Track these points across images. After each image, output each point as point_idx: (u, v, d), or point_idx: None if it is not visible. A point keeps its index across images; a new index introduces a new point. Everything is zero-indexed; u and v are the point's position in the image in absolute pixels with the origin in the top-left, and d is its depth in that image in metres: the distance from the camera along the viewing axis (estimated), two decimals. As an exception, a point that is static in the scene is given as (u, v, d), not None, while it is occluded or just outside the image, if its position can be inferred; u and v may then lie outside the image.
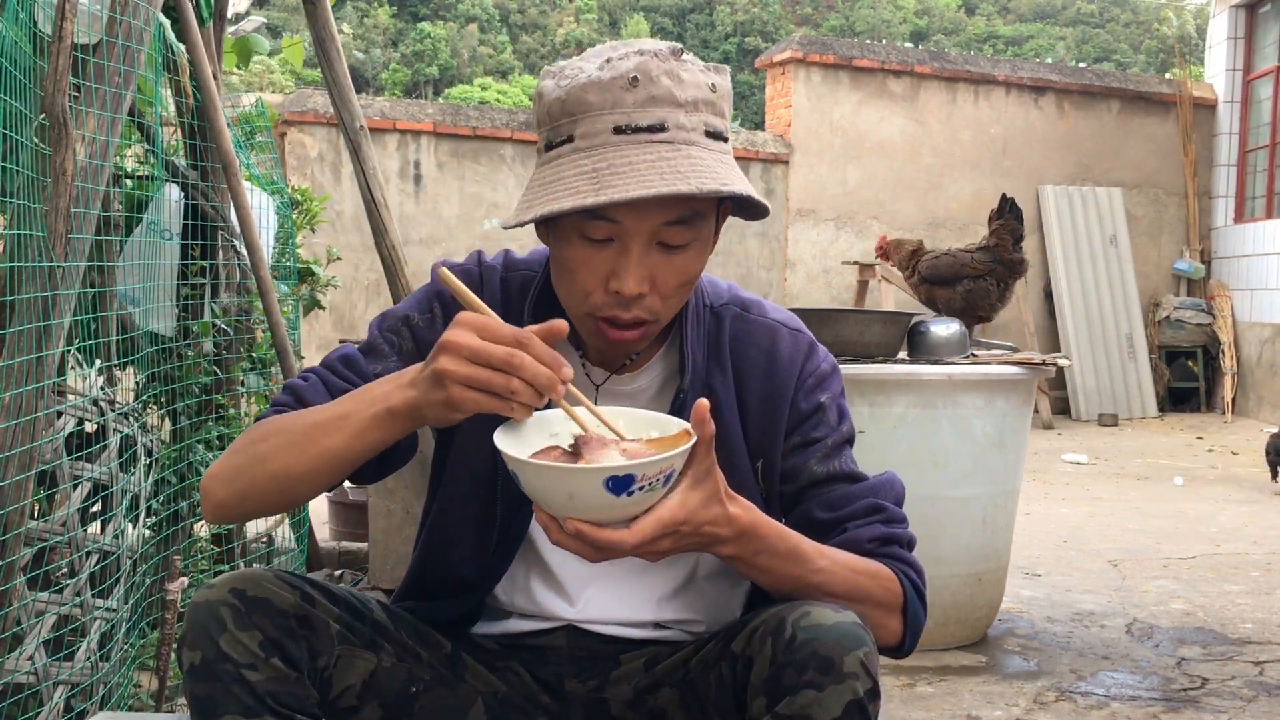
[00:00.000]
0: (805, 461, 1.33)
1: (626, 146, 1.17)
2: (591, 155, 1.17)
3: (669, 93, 1.18)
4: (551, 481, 1.06)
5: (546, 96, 1.22)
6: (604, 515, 1.07)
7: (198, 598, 1.19)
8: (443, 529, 1.38)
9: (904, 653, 1.32)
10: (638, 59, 1.18)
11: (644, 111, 1.18)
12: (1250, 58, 10.51)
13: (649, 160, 1.16)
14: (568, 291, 1.26)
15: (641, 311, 1.23)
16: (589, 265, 1.22)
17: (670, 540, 1.13)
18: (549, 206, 1.17)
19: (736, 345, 1.35)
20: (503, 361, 1.08)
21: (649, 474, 1.06)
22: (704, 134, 1.20)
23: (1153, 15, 34.56)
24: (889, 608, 1.28)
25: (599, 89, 1.18)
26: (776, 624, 1.15)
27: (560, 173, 1.19)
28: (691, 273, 1.25)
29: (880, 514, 1.32)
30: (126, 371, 2.69)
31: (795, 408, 1.34)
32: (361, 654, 1.27)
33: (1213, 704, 2.86)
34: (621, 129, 1.17)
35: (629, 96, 1.17)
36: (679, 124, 1.18)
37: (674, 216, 1.20)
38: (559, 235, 1.24)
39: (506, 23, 39.43)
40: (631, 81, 1.17)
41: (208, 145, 2.86)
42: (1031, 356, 3.35)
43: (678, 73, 1.20)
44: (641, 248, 1.20)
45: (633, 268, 1.20)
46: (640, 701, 1.34)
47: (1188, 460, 7.45)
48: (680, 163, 1.17)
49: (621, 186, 1.14)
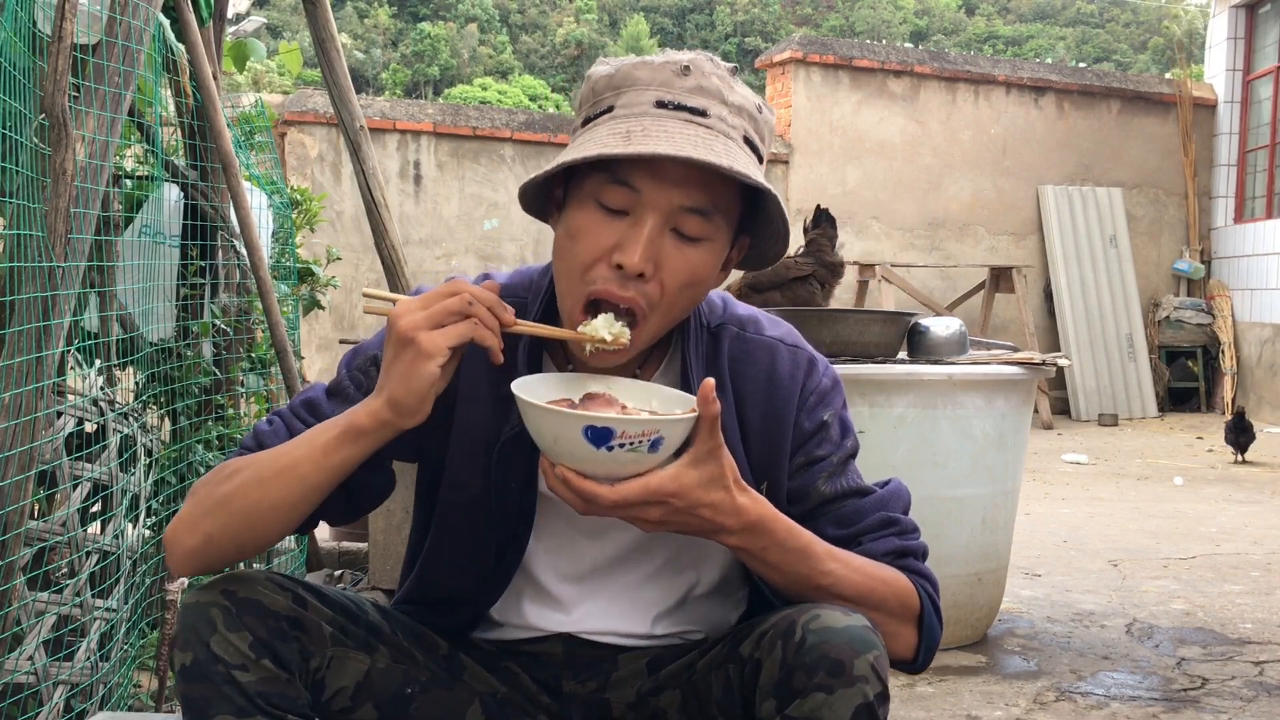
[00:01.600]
0: (813, 481, 1.31)
1: (666, 119, 1.16)
2: (628, 121, 1.17)
3: (718, 89, 1.19)
4: (539, 422, 1.11)
5: (595, 76, 1.23)
6: (588, 466, 1.10)
7: (189, 600, 1.19)
8: (438, 554, 1.37)
9: (918, 667, 1.31)
10: (693, 55, 1.20)
11: (690, 95, 1.18)
12: (1250, 58, 10.51)
13: (685, 133, 1.15)
14: (569, 263, 1.22)
15: (638, 295, 1.19)
16: (597, 235, 1.19)
17: (659, 510, 1.12)
18: (572, 155, 1.16)
19: (735, 365, 1.33)
20: (449, 290, 1.13)
21: (630, 433, 1.08)
22: (743, 139, 1.20)
23: (1153, 15, 34.55)
24: (903, 617, 1.27)
25: (649, 69, 1.19)
26: (786, 627, 1.15)
27: (594, 135, 1.18)
28: (699, 275, 1.22)
29: (893, 527, 1.31)
30: (126, 371, 2.69)
31: (798, 427, 1.32)
32: (355, 655, 1.26)
33: (1213, 704, 2.86)
34: (664, 104, 1.17)
35: (678, 81, 1.18)
36: (721, 116, 1.18)
37: (694, 202, 1.18)
38: (575, 201, 1.21)
39: (506, 23, 39.43)
40: (683, 69, 1.18)
41: (207, 145, 2.86)
42: (1031, 356, 3.35)
43: (729, 80, 1.21)
44: (655, 226, 1.18)
45: (642, 242, 1.17)
46: (642, 703, 1.34)
47: (1188, 460, 7.45)
48: (716, 144, 1.16)
49: (652, 144, 1.13)
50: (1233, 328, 10.02)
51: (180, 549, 1.22)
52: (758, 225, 1.29)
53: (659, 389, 1.23)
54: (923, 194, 9.89)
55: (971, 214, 10.02)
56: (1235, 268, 10.20)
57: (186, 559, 1.22)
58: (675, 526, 1.15)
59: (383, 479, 1.31)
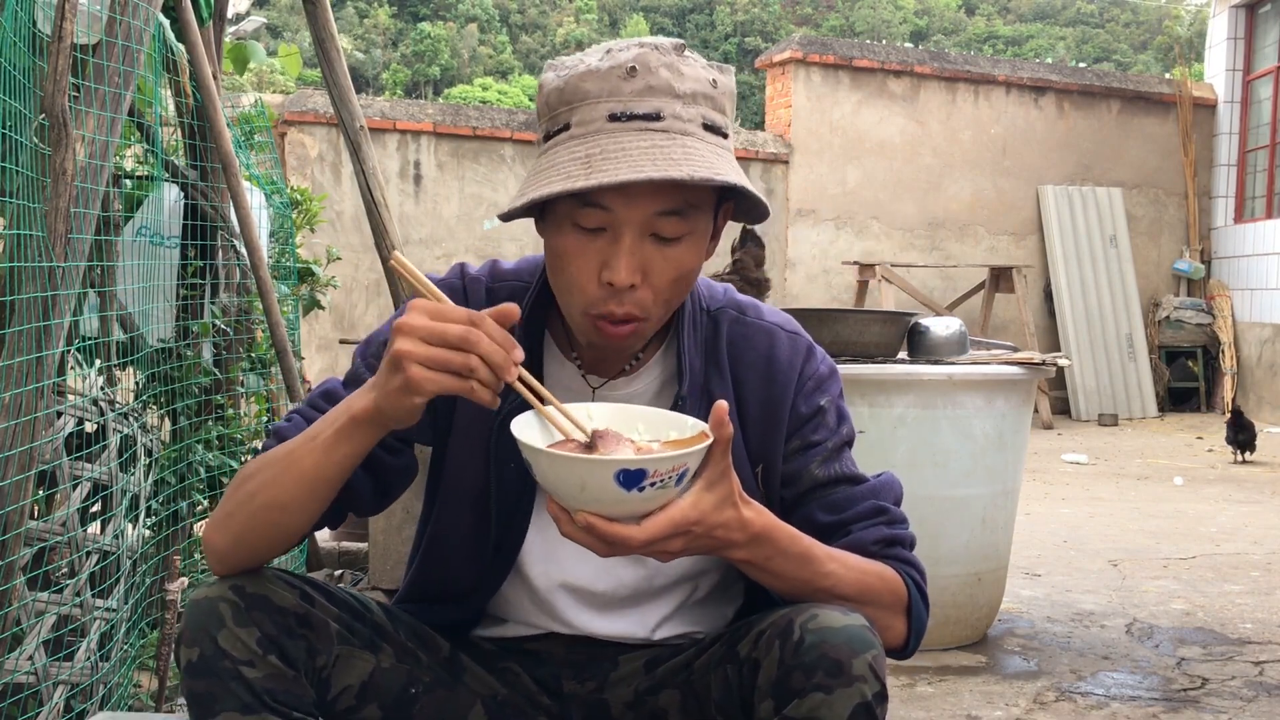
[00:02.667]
0: (806, 465, 1.32)
1: (621, 133, 1.16)
2: (586, 142, 1.17)
3: (667, 84, 1.18)
4: (564, 471, 1.07)
5: (546, 87, 1.22)
6: (615, 509, 1.07)
7: (197, 594, 1.19)
8: (438, 542, 1.37)
9: (907, 653, 1.32)
10: (638, 50, 1.18)
11: (640, 100, 1.17)
12: (1250, 58, 10.51)
13: (642, 147, 1.15)
14: (563, 286, 1.24)
15: (633, 307, 1.21)
16: (582, 256, 1.20)
17: (682, 540, 1.12)
18: (539, 191, 1.16)
19: (734, 349, 1.34)
20: (459, 339, 1.08)
21: (661, 470, 1.06)
22: (701, 126, 1.19)
23: (1153, 15, 34.55)
24: (894, 609, 1.27)
25: (597, 78, 1.17)
26: (784, 627, 1.15)
27: (555, 159, 1.18)
28: (686, 268, 1.23)
29: (883, 515, 1.31)
30: (126, 371, 2.69)
31: (795, 411, 1.33)
32: (361, 654, 1.26)
33: (1213, 704, 2.86)
34: (617, 116, 1.16)
35: (626, 85, 1.17)
36: (675, 114, 1.17)
37: (666, 206, 1.18)
38: (553, 225, 1.23)
39: (506, 23, 39.44)
40: (629, 71, 1.17)
41: (207, 145, 2.86)
42: (1031, 356, 3.35)
43: (678, 66, 1.19)
44: (634, 237, 1.19)
45: (624, 256, 1.18)
46: (640, 703, 1.34)
47: (1188, 460, 7.45)
48: (674, 150, 1.16)
49: (611, 171, 1.13)
50: (1233, 328, 10.02)
51: (215, 550, 1.23)
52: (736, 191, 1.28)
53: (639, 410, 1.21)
54: (923, 194, 9.89)
55: (971, 214, 10.02)
56: (1235, 268, 10.20)
57: (222, 561, 1.23)
58: (693, 551, 1.15)
59: (405, 460, 1.31)
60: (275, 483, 1.19)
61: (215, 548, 1.23)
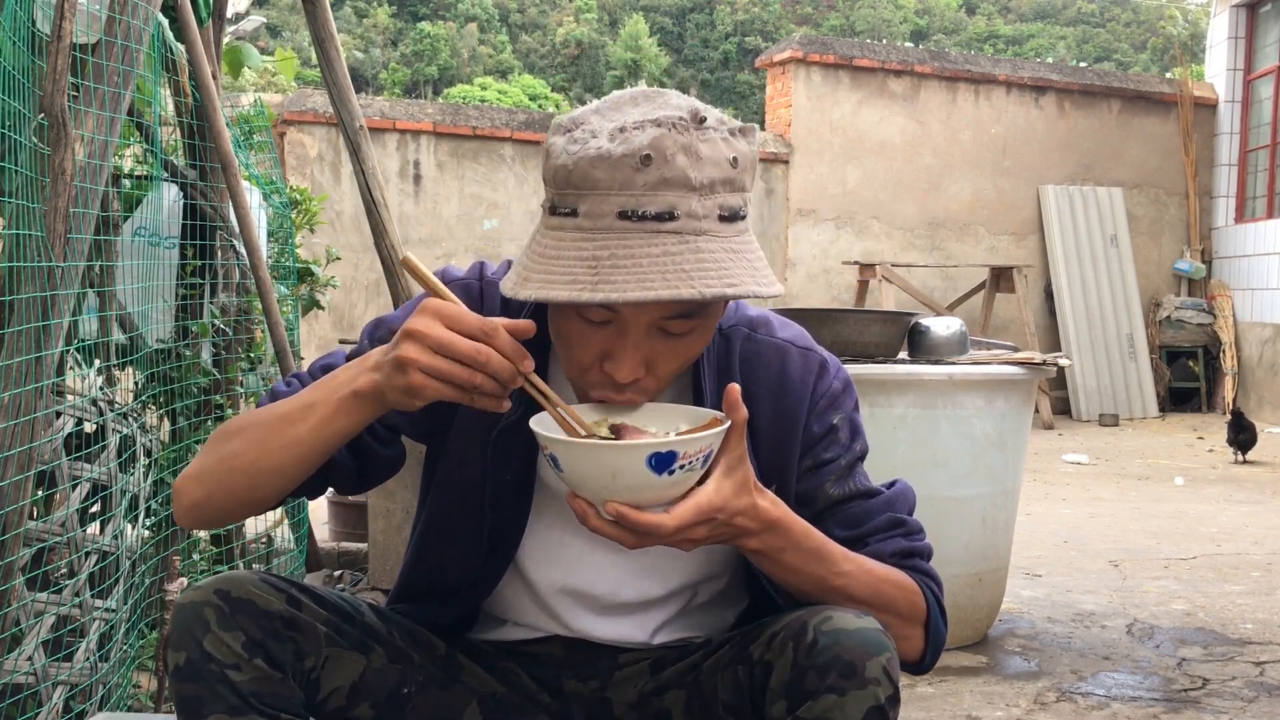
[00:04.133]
0: (820, 485, 1.31)
1: (630, 235, 1.09)
2: (594, 239, 1.10)
3: (682, 175, 1.09)
4: (594, 460, 1.07)
5: (554, 159, 1.13)
6: (644, 496, 1.07)
7: (182, 599, 1.19)
8: (434, 537, 1.37)
9: (924, 668, 1.31)
10: (654, 132, 1.09)
11: (653, 196, 1.09)
12: (1251, 57, 10.50)
13: (652, 255, 1.08)
14: (565, 360, 1.22)
15: (635, 394, 1.20)
16: (585, 343, 1.18)
17: (706, 529, 1.12)
18: (544, 292, 1.10)
19: (746, 368, 1.33)
20: (469, 356, 1.07)
21: (690, 452, 1.07)
22: (718, 219, 1.11)
23: (1153, 15, 34.55)
24: (911, 619, 1.27)
25: (608, 166, 1.09)
26: (798, 628, 1.15)
27: (561, 251, 1.11)
28: (692, 354, 1.21)
29: (900, 528, 1.31)
30: (126, 371, 2.68)
31: (808, 430, 1.32)
32: (350, 655, 1.26)
33: (1213, 704, 2.86)
34: (627, 214, 1.09)
35: (639, 178, 1.08)
36: (690, 211, 1.09)
37: (675, 311, 1.15)
38: (556, 309, 1.20)
39: (506, 22, 39.43)
40: (644, 160, 1.08)
41: (206, 145, 2.85)
42: (1032, 356, 3.34)
43: (695, 148, 1.10)
44: (640, 334, 1.16)
45: (629, 353, 1.16)
46: (645, 703, 1.33)
47: (1188, 460, 7.45)
48: (685, 259, 1.08)
49: (620, 283, 1.07)
50: (1233, 328, 10.02)
51: (185, 500, 1.24)
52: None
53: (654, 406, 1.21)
54: (923, 194, 9.89)
55: (972, 214, 10.01)
56: (1236, 268, 10.20)
57: (189, 512, 1.24)
58: (713, 540, 1.14)
59: (394, 451, 1.32)
60: (261, 445, 1.19)
61: (188, 499, 1.23)
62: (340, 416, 1.16)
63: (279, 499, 1.24)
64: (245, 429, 1.22)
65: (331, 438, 1.17)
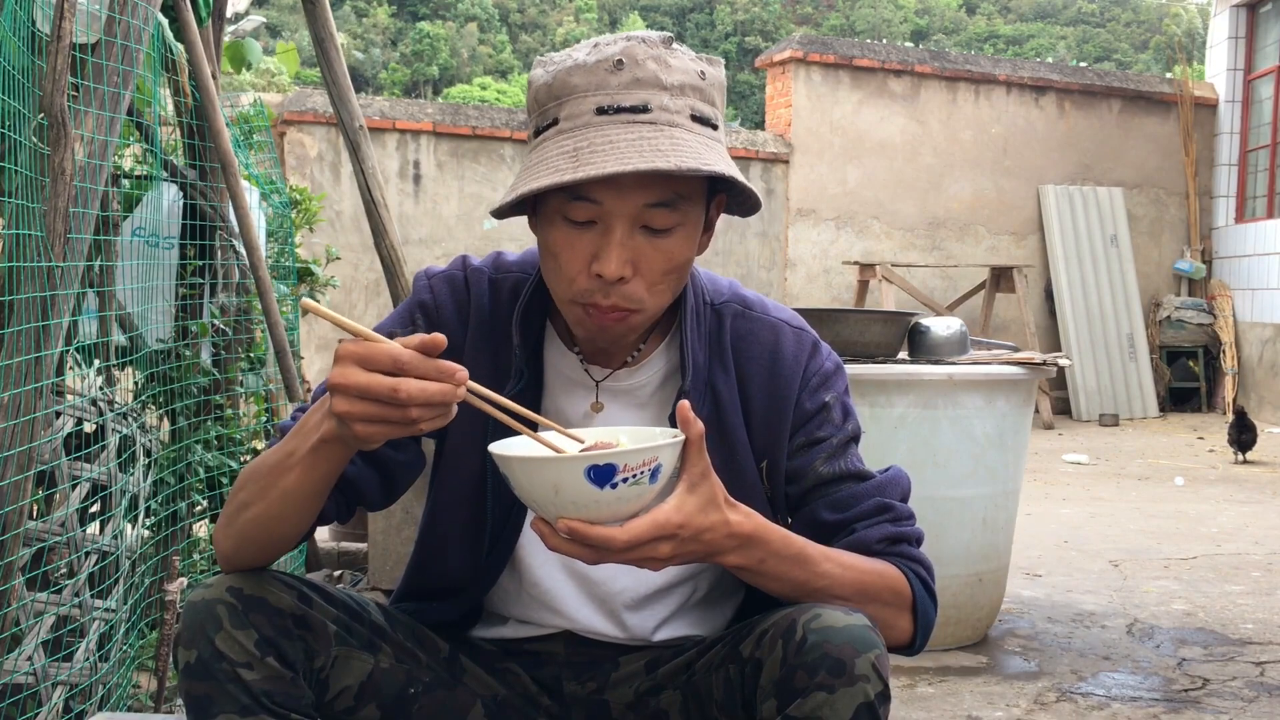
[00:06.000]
0: (811, 462, 1.32)
1: (608, 126, 1.16)
2: (573, 135, 1.17)
3: (654, 76, 1.18)
4: (537, 475, 1.07)
5: (535, 84, 1.22)
6: (593, 512, 1.07)
7: (195, 596, 1.19)
8: (436, 532, 1.37)
9: (914, 650, 1.31)
10: (624, 44, 1.19)
11: (627, 93, 1.17)
12: (1251, 57, 10.50)
13: (629, 139, 1.15)
14: (553, 278, 1.24)
15: (621, 299, 1.21)
16: (572, 248, 1.20)
17: (669, 546, 1.10)
18: (528, 186, 1.16)
19: (739, 344, 1.34)
20: (389, 397, 1.03)
21: (631, 465, 1.05)
22: (689, 117, 1.18)
23: (1154, 15, 34.54)
24: (898, 607, 1.27)
25: (584, 72, 1.18)
26: (787, 626, 1.15)
27: (544, 154, 1.18)
28: (678, 259, 1.23)
29: (888, 513, 1.30)
30: (125, 371, 2.68)
31: (800, 407, 1.32)
32: (359, 655, 1.26)
33: (1214, 704, 2.86)
34: (604, 109, 1.16)
35: (613, 79, 1.17)
36: (663, 105, 1.17)
37: (656, 198, 1.18)
38: (544, 219, 1.23)
39: (506, 22, 39.43)
40: (616, 64, 1.17)
41: (206, 145, 2.85)
42: (1032, 356, 3.34)
43: (665, 58, 1.19)
44: (624, 230, 1.19)
45: (615, 249, 1.18)
46: (641, 704, 1.33)
47: (1188, 460, 7.45)
48: (661, 142, 1.15)
49: (599, 164, 1.13)
50: (1234, 327, 10.02)
51: (222, 550, 1.25)
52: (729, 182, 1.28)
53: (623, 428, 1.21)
54: (923, 193, 9.89)
55: (972, 214, 10.01)
56: (1236, 267, 10.19)
57: (229, 561, 1.24)
58: (681, 558, 1.13)
59: (410, 455, 1.31)
60: (263, 496, 1.19)
61: (221, 550, 1.24)
62: (320, 463, 1.15)
63: (303, 535, 1.24)
64: (249, 480, 1.22)
65: (319, 483, 1.17)
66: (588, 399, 1.34)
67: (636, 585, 1.34)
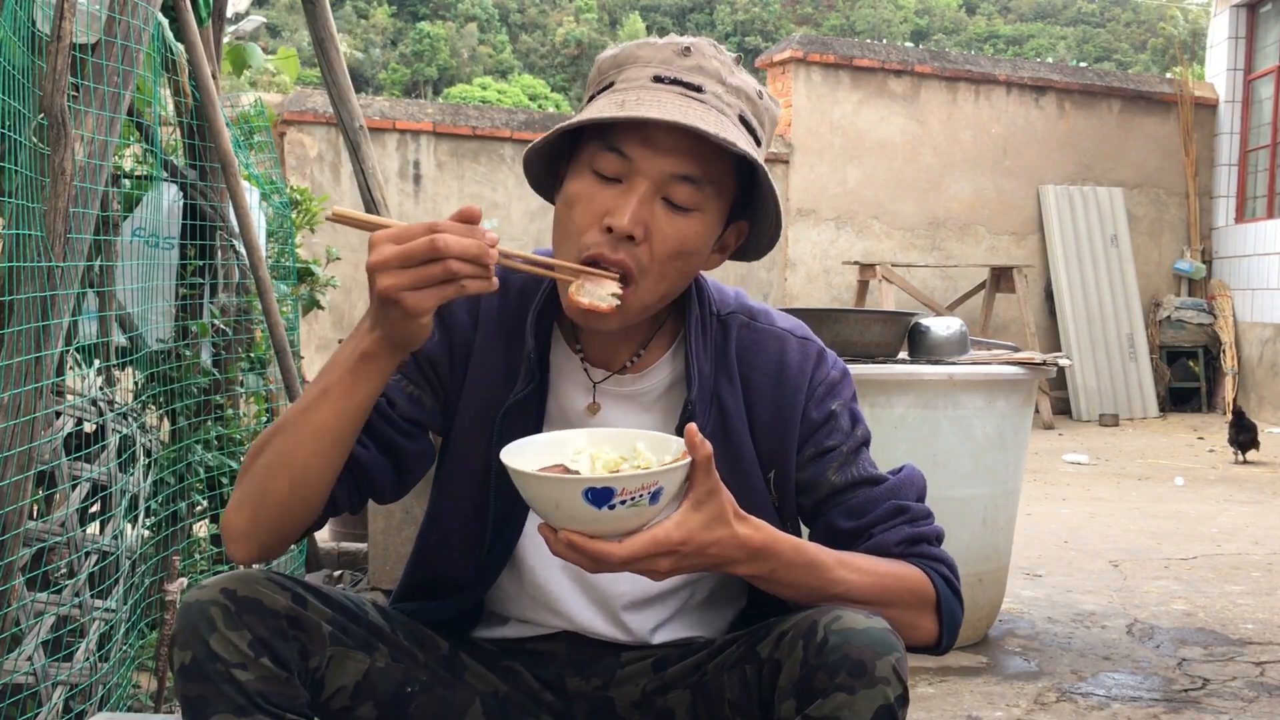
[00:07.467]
0: (823, 472, 1.32)
1: (661, 91, 1.21)
2: (626, 93, 1.21)
3: (716, 70, 1.23)
4: (538, 490, 1.09)
5: (601, 58, 1.27)
6: (593, 527, 1.09)
7: (189, 598, 1.19)
8: (438, 528, 1.38)
9: (942, 650, 1.31)
10: (697, 40, 1.25)
11: (688, 72, 1.22)
12: (1251, 57, 10.50)
13: (677, 104, 1.19)
14: (564, 232, 1.26)
15: (628, 256, 1.21)
16: (591, 201, 1.22)
17: (670, 560, 1.11)
18: (568, 122, 1.21)
19: (744, 355, 1.34)
20: (427, 251, 1.08)
21: (630, 489, 1.07)
22: (739, 117, 1.23)
23: (1154, 15, 34.55)
24: (920, 608, 1.27)
25: (652, 48, 1.24)
26: (808, 628, 1.15)
27: (592, 106, 1.23)
28: (688, 245, 1.23)
29: (905, 514, 1.31)
30: (125, 371, 2.68)
31: (807, 418, 1.32)
32: (354, 655, 1.26)
33: (1214, 704, 2.86)
34: (661, 79, 1.21)
35: (678, 60, 1.23)
36: (718, 94, 1.22)
37: (685, 170, 1.21)
38: (573, 171, 1.25)
39: (506, 22, 39.42)
40: (684, 51, 1.23)
41: (206, 145, 2.85)
42: (1032, 356, 3.34)
43: (730, 64, 1.25)
44: (647, 190, 1.21)
45: (633, 204, 1.20)
46: (648, 703, 1.33)
47: (1189, 460, 7.45)
48: (708, 116, 1.20)
49: (644, 110, 1.17)
50: (1234, 328, 10.01)
51: (233, 531, 1.23)
52: (754, 211, 1.30)
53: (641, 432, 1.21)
54: (923, 194, 9.89)
55: (972, 214, 10.01)
56: (1236, 268, 10.19)
57: (240, 542, 1.23)
58: (686, 570, 1.14)
59: (421, 445, 1.33)
60: (292, 440, 1.19)
61: (236, 528, 1.23)
62: (359, 386, 1.17)
63: (322, 500, 1.23)
64: (270, 436, 1.22)
65: (354, 410, 1.18)
66: (586, 399, 1.34)
67: (635, 588, 1.34)
